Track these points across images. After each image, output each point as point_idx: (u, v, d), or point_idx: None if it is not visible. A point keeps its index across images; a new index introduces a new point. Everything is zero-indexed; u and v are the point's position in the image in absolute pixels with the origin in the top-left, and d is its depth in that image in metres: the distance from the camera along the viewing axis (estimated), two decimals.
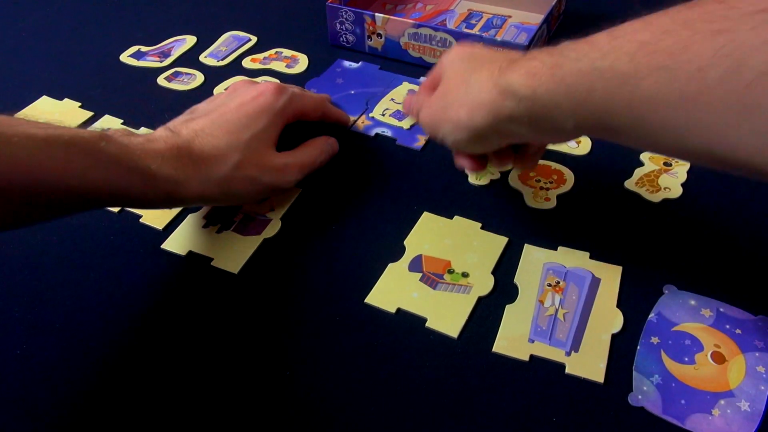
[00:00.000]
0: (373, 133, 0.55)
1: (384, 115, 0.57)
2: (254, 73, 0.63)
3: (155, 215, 0.48)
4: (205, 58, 0.66)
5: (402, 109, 0.50)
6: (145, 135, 0.42)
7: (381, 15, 0.62)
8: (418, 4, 0.72)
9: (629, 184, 0.49)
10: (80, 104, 0.59)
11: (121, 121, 0.57)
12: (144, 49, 0.67)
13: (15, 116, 0.36)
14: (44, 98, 0.60)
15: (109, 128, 0.42)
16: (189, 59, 0.66)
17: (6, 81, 0.63)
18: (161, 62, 0.65)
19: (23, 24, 0.72)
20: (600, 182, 0.50)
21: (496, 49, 0.42)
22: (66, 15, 0.74)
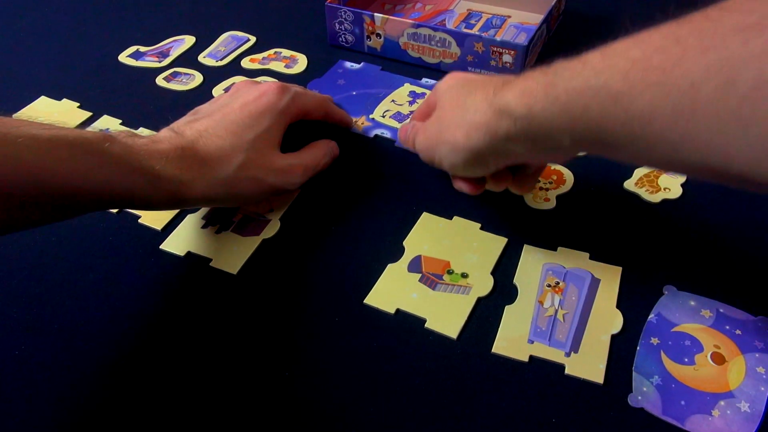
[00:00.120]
0: (373, 135, 0.55)
1: (384, 117, 0.57)
2: (253, 74, 0.63)
3: (154, 216, 0.48)
4: (204, 58, 0.66)
5: (398, 137, 0.50)
6: (150, 136, 0.42)
7: (380, 15, 0.62)
8: (417, 4, 0.72)
9: (629, 185, 0.49)
10: (79, 104, 0.59)
11: (120, 122, 0.57)
12: (143, 49, 0.67)
13: (17, 117, 0.36)
14: (42, 98, 0.60)
15: (109, 129, 0.42)
16: (188, 59, 0.66)
17: (4, 81, 0.63)
18: (160, 62, 0.65)
19: (21, 24, 0.72)
20: (599, 183, 0.50)
21: (489, 75, 0.42)
22: (64, 15, 0.74)
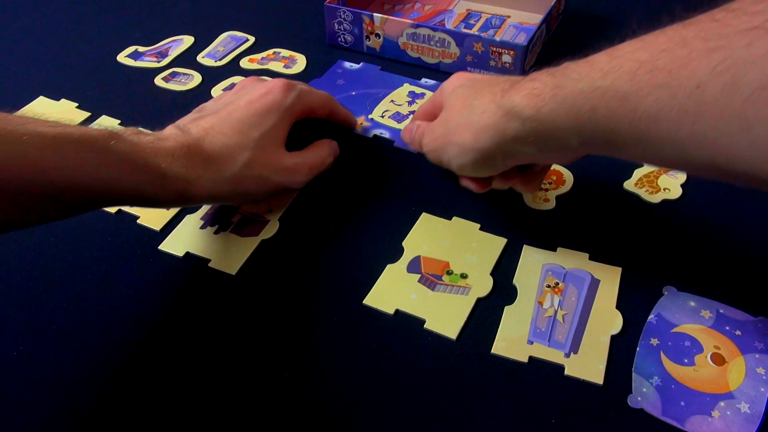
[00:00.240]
0: (372, 135, 0.55)
1: (383, 117, 0.57)
2: (252, 74, 0.63)
3: (153, 216, 0.48)
4: (203, 59, 0.65)
5: (402, 137, 0.50)
6: (155, 133, 0.42)
7: (379, 15, 0.61)
8: (417, 4, 0.72)
9: (628, 185, 0.49)
10: (77, 105, 0.59)
11: (119, 122, 0.57)
12: (141, 50, 0.67)
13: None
14: (41, 99, 0.60)
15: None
16: (186, 59, 0.65)
17: (2, 81, 0.63)
18: (159, 62, 0.65)
19: (20, 24, 0.72)
20: (599, 183, 0.50)
21: (495, 75, 0.42)
22: (63, 15, 0.74)
